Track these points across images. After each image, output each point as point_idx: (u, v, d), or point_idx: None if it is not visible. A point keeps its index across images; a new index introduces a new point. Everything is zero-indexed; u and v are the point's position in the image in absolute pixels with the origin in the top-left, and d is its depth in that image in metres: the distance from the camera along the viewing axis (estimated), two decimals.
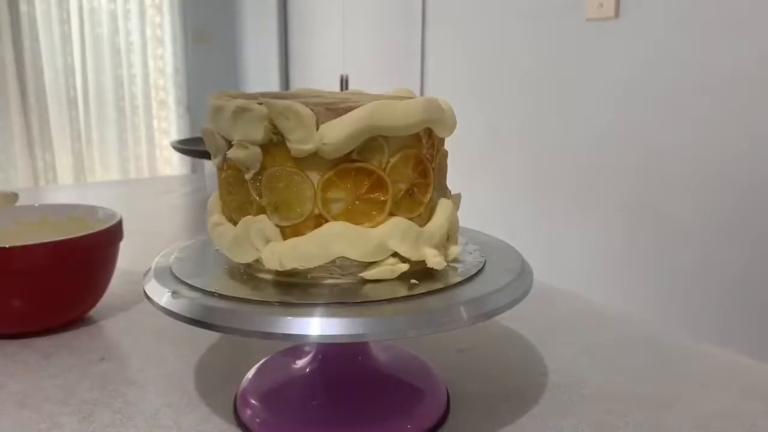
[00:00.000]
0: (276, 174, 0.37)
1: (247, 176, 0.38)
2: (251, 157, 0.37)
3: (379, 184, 0.37)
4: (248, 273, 0.40)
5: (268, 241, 0.37)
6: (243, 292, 0.37)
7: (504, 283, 0.38)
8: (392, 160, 0.38)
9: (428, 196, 0.40)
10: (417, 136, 0.39)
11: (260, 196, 0.38)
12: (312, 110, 0.36)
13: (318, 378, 0.44)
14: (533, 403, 0.45)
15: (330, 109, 0.36)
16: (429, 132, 0.40)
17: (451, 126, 0.41)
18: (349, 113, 0.36)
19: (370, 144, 0.37)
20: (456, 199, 0.44)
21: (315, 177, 0.37)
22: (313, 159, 0.36)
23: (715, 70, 1.37)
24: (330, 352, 0.44)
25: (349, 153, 0.36)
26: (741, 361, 0.52)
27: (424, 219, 0.40)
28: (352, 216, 0.37)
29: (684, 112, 1.44)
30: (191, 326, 0.35)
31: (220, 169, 0.42)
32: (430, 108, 0.39)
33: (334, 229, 0.37)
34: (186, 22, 3.73)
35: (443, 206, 0.41)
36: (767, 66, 1.28)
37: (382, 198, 0.37)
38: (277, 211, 0.37)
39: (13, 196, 0.76)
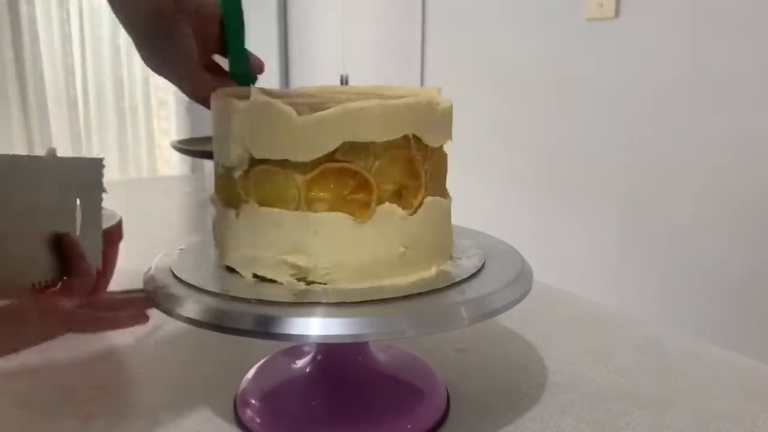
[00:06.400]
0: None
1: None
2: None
3: (363, 185, 0.37)
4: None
5: None
6: (243, 292, 0.37)
7: (504, 284, 0.38)
8: (377, 162, 0.37)
9: (419, 198, 0.39)
10: (405, 138, 0.38)
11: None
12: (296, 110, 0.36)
13: (318, 378, 0.44)
14: (533, 403, 0.45)
15: (313, 108, 0.36)
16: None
17: (442, 133, 0.40)
18: (316, 114, 0.36)
19: (353, 145, 0.36)
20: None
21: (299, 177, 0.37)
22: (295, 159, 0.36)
23: (715, 70, 1.37)
24: (330, 352, 0.44)
25: (333, 153, 0.36)
26: (741, 361, 0.52)
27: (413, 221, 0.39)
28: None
29: (684, 111, 1.44)
30: (191, 326, 0.35)
31: None
32: (416, 115, 0.38)
33: None
34: None
35: (432, 207, 0.40)
36: (767, 66, 1.28)
37: (366, 198, 0.37)
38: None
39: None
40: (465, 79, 2.09)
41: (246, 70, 0.46)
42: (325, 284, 0.37)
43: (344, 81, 2.79)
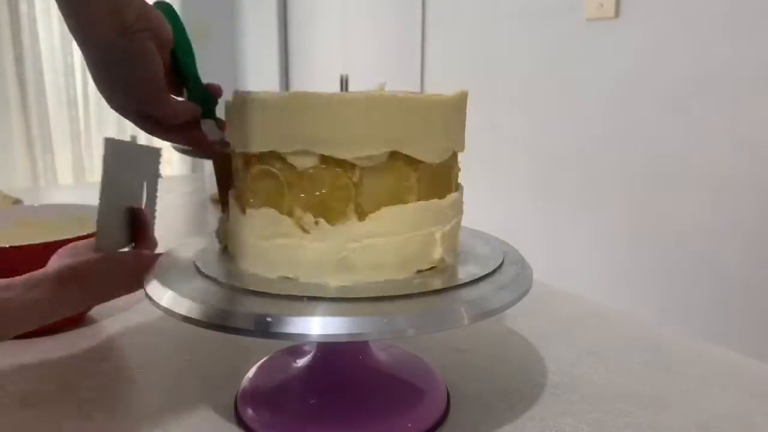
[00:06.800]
0: None
1: None
2: None
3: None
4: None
5: None
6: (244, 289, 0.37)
7: (504, 283, 0.38)
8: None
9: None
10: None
11: None
12: None
13: (318, 377, 0.44)
14: (533, 403, 0.45)
15: None
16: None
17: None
18: None
19: None
20: None
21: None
22: None
23: (715, 70, 1.37)
24: (330, 351, 0.44)
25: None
26: (741, 361, 0.52)
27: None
28: None
29: (684, 111, 1.44)
30: (191, 326, 0.35)
31: None
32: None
33: None
34: (185, 21, 3.73)
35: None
36: (767, 66, 1.28)
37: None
38: None
39: (17, 202, 0.82)
40: (465, 79, 2.09)
41: (203, 95, 0.49)
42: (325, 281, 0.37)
43: (344, 81, 2.79)
